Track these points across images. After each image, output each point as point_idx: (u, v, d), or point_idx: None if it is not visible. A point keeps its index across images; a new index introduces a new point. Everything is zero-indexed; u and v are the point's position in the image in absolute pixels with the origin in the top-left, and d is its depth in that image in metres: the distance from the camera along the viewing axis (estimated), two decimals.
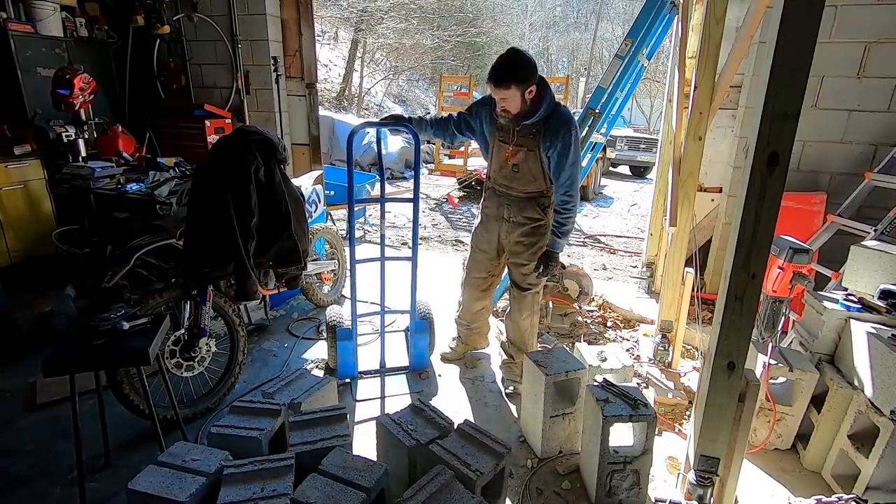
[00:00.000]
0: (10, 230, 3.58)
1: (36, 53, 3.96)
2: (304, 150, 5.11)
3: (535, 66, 2.10)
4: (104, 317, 1.84)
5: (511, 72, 2.06)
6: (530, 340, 2.66)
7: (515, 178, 2.33)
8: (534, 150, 2.22)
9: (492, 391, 2.70)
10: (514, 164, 2.30)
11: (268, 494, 1.49)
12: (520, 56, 2.10)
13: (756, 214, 1.36)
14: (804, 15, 1.22)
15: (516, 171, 2.31)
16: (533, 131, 2.20)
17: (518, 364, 2.63)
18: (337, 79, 15.87)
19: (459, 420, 1.87)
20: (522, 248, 2.43)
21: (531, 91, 2.10)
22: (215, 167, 2.22)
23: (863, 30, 3.04)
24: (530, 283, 2.50)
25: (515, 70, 2.06)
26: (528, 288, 2.52)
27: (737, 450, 1.64)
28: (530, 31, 28.28)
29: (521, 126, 2.20)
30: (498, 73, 2.07)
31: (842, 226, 3.01)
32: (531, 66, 2.08)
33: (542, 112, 2.15)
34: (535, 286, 2.52)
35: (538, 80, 2.12)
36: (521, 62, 2.07)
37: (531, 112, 2.16)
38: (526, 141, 2.23)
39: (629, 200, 8.98)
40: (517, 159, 2.28)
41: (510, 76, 2.05)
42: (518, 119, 2.19)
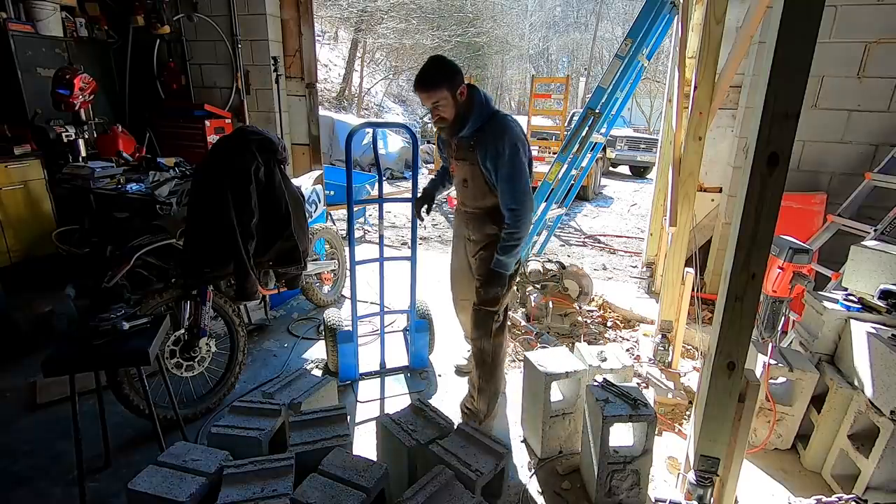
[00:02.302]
0: (10, 230, 3.58)
1: (36, 53, 3.96)
2: (304, 150, 5.12)
3: (460, 70, 2.02)
4: (104, 317, 1.84)
5: (437, 72, 1.97)
6: (491, 371, 2.29)
7: (467, 194, 2.22)
8: (475, 163, 2.08)
9: None
10: (462, 178, 2.19)
11: (268, 494, 1.49)
12: (443, 59, 2.03)
13: (756, 214, 1.36)
14: (804, 15, 1.22)
15: (466, 186, 2.19)
16: (471, 143, 2.06)
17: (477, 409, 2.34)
18: (337, 79, 15.88)
19: (459, 420, 1.87)
20: (482, 266, 2.23)
21: (462, 92, 1.99)
22: (215, 167, 2.22)
23: (863, 30, 3.04)
24: (485, 300, 2.21)
25: (441, 70, 1.97)
26: (482, 307, 2.23)
27: (737, 450, 1.64)
28: (530, 31, 28.30)
29: (459, 139, 2.10)
30: (425, 76, 1.98)
31: (842, 226, 3.01)
32: (456, 67, 2.01)
33: (475, 120, 2.02)
34: (490, 306, 2.21)
35: (469, 87, 2.02)
36: (444, 63, 2.00)
37: (465, 120, 2.03)
38: (466, 154, 2.10)
39: (629, 200, 8.98)
40: (463, 174, 2.17)
41: (438, 76, 1.96)
42: (455, 130, 2.07)
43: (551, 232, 4.99)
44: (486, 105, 2.04)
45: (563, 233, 6.45)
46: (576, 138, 3.67)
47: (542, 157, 8.58)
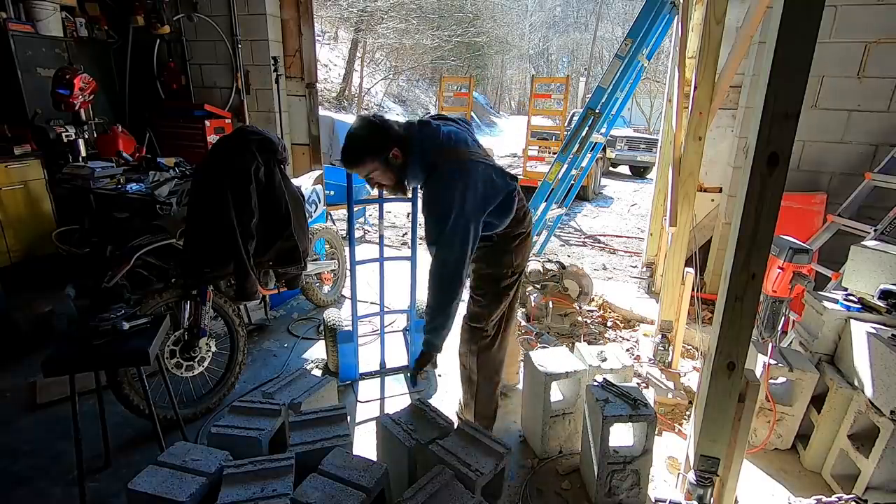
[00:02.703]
0: (10, 230, 3.58)
1: (36, 53, 3.96)
2: (304, 150, 5.12)
3: (387, 134, 1.77)
4: (104, 317, 1.84)
5: (357, 148, 1.78)
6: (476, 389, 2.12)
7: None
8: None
9: None
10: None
11: (268, 494, 1.49)
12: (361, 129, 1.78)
13: (756, 214, 1.36)
14: (804, 15, 1.22)
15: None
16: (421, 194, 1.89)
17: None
18: (337, 79, 15.88)
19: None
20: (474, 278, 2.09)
21: (395, 155, 1.77)
22: (215, 167, 2.22)
23: (863, 30, 3.04)
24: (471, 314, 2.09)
25: (360, 145, 1.78)
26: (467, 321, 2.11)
27: (737, 450, 1.64)
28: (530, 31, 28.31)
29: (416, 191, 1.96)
30: (345, 154, 1.80)
31: (842, 226, 3.01)
32: (379, 135, 1.76)
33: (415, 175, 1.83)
34: (475, 321, 2.06)
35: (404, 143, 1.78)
36: (362, 135, 1.77)
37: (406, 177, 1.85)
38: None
39: (629, 200, 8.98)
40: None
41: (357, 152, 1.78)
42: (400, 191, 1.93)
43: (551, 232, 5.00)
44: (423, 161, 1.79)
45: (563, 233, 6.45)
46: (576, 138, 3.68)
47: (542, 157, 8.58)
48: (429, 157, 1.78)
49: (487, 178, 1.79)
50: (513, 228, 1.98)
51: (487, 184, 1.79)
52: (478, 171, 1.77)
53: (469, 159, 1.78)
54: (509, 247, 1.98)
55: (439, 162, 1.76)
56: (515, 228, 1.99)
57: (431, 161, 1.78)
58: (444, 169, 1.75)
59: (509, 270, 2.00)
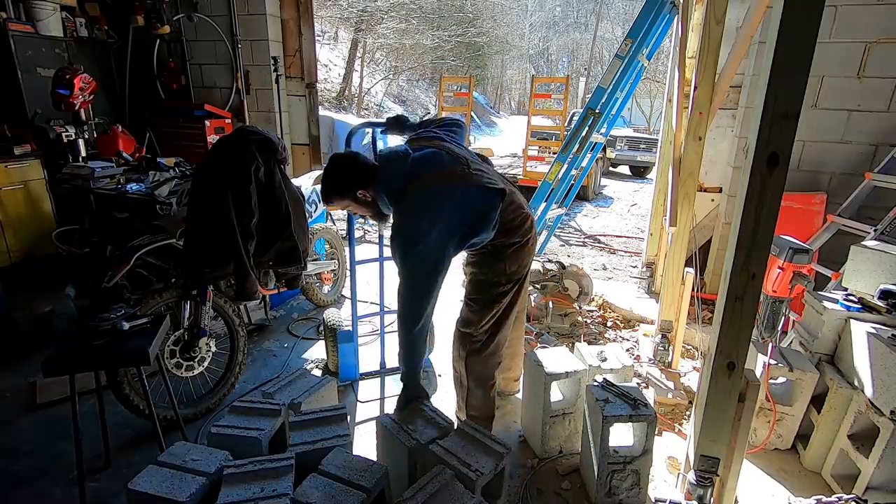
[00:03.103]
0: (10, 230, 3.58)
1: (36, 53, 3.96)
2: (304, 150, 5.12)
3: (351, 174, 1.83)
4: (104, 317, 1.84)
5: (327, 190, 1.88)
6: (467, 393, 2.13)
7: None
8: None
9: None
10: None
11: (268, 494, 1.49)
12: (329, 171, 1.87)
13: (756, 214, 1.36)
14: (804, 15, 1.22)
15: None
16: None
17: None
18: (337, 79, 15.87)
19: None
20: (468, 280, 2.11)
21: (362, 194, 1.84)
22: (215, 167, 2.22)
23: (863, 30, 3.04)
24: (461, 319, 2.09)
25: (330, 187, 1.87)
26: (458, 326, 2.12)
27: (737, 450, 1.64)
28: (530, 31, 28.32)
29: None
30: (321, 193, 1.93)
31: (842, 226, 3.01)
32: (347, 177, 1.83)
33: (386, 206, 1.87)
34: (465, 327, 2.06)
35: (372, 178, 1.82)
36: (332, 178, 1.86)
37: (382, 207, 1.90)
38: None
39: (629, 200, 8.98)
40: None
41: (328, 193, 1.88)
42: (382, 219, 1.98)
43: (551, 232, 5.00)
44: (391, 195, 1.81)
45: (563, 233, 6.45)
46: (576, 138, 3.68)
47: (542, 157, 8.57)
48: (396, 187, 1.79)
49: (459, 203, 1.77)
50: (507, 237, 1.91)
51: (458, 208, 1.76)
52: (444, 197, 1.75)
53: (437, 186, 1.76)
54: (504, 254, 1.94)
55: (410, 190, 1.76)
56: (510, 237, 1.92)
57: (399, 190, 1.78)
58: (409, 199, 1.77)
59: (503, 278, 1.96)
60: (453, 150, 1.89)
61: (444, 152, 1.86)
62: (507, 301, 2.01)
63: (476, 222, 1.80)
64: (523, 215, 1.95)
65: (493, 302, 1.98)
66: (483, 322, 2.00)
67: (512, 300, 2.03)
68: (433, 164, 1.82)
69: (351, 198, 1.86)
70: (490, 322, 2.01)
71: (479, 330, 2.02)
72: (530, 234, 1.97)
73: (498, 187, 1.83)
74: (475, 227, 1.80)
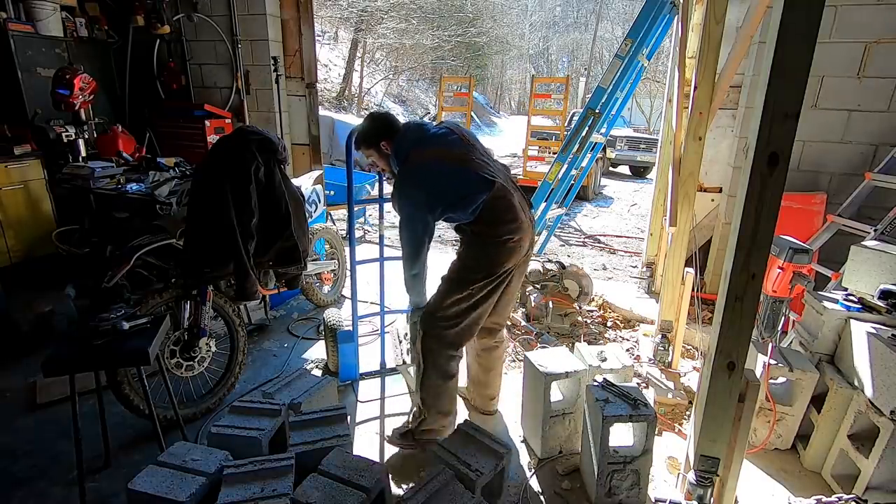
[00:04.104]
0: (10, 230, 3.58)
1: (36, 53, 3.96)
2: (304, 150, 5.12)
3: (382, 129, 2.11)
4: (104, 317, 1.84)
5: (358, 137, 2.17)
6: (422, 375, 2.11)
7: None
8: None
9: None
10: None
11: (268, 494, 1.49)
12: (366, 122, 2.16)
13: (756, 214, 1.36)
14: (804, 15, 1.22)
15: None
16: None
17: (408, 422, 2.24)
18: (337, 79, 15.88)
19: (460, 420, 1.87)
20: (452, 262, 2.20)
21: (385, 145, 2.10)
22: (215, 167, 2.23)
23: (863, 30, 3.04)
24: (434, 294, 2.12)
25: (361, 134, 2.16)
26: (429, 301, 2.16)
27: (737, 450, 1.64)
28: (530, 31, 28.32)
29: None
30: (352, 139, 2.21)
31: (842, 226, 3.01)
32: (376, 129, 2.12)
33: (395, 165, 2.11)
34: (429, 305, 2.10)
35: (396, 137, 2.07)
36: (364, 128, 2.15)
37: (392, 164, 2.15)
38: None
39: (629, 200, 8.98)
40: None
41: (358, 140, 2.18)
42: (391, 174, 2.23)
43: (551, 232, 5.00)
44: (398, 156, 2.07)
45: (563, 233, 6.45)
46: (576, 138, 3.68)
47: (542, 157, 8.57)
48: (405, 151, 2.04)
49: (445, 179, 1.97)
50: (490, 229, 1.96)
51: (442, 184, 1.96)
52: (437, 171, 1.98)
53: (436, 159, 1.99)
54: (483, 244, 1.99)
55: (412, 157, 2.02)
56: (493, 230, 1.96)
57: (406, 156, 2.03)
58: (411, 163, 2.02)
59: (477, 265, 1.99)
60: (466, 137, 2.09)
61: (456, 135, 2.07)
62: (478, 295, 2.01)
63: (458, 201, 1.96)
64: (514, 217, 1.97)
65: (460, 284, 2.00)
66: (447, 302, 2.02)
67: (484, 297, 2.02)
68: (439, 141, 2.04)
69: (375, 147, 2.12)
70: (454, 307, 2.02)
71: (442, 308, 2.03)
72: (516, 236, 1.98)
73: (489, 179, 1.95)
74: (455, 205, 1.96)
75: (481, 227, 1.97)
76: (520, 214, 1.99)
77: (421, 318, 2.09)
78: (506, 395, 2.58)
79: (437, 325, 2.04)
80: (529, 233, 2.06)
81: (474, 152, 2.03)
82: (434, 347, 2.05)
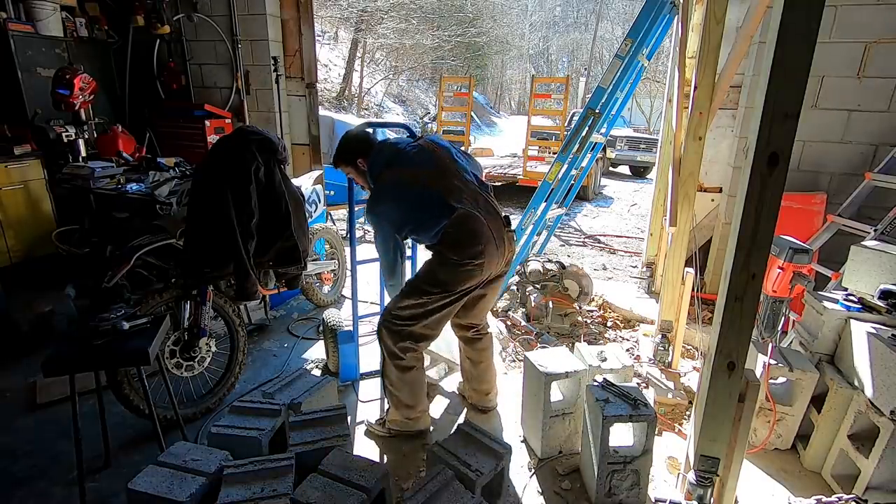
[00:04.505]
0: (10, 230, 3.58)
1: (36, 53, 3.96)
2: (304, 150, 5.12)
3: (357, 145, 2.21)
4: (104, 317, 1.84)
5: (336, 155, 2.27)
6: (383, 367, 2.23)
7: None
8: None
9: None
10: None
11: (268, 494, 1.49)
12: (342, 141, 2.26)
13: (756, 214, 1.36)
14: (804, 15, 1.22)
15: None
16: None
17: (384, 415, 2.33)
18: (337, 79, 15.88)
19: (460, 420, 1.87)
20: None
21: (361, 163, 2.20)
22: (215, 167, 2.23)
23: (863, 30, 3.04)
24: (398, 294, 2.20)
25: (338, 153, 2.26)
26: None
27: (737, 450, 1.64)
28: (530, 31, 28.32)
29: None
30: (333, 158, 2.31)
31: (842, 226, 3.01)
32: (351, 145, 2.22)
33: (370, 181, 2.22)
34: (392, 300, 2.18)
35: (370, 153, 2.18)
36: (341, 146, 2.25)
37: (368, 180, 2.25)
38: None
39: (629, 200, 8.98)
40: None
41: (336, 158, 2.27)
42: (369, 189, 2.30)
43: (551, 232, 4.99)
44: (372, 173, 2.18)
45: (563, 233, 6.45)
46: (576, 138, 3.67)
47: (542, 157, 8.57)
48: (378, 169, 2.16)
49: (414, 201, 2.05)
50: (451, 252, 1.99)
51: (412, 206, 2.06)
52: (403, 192, 2.07)
53: (404, 180, 2.08)
54: (444, 262, 2.02)
55: (383, 176, 2.14)
56: (453, 253, 1.99)
57: (378, 174, 2.15)
58: (382, 182, 2.13)
59: (435, 280, 2.03)
60: (441, 158, 2.13)
61: (431, 155, 2.12)
62: (433, 306, 2.05)
63: (419, 225, 2.08)
64: (477, 242, 1.98)
65: (417, 292, 2.06)
66: (402, 304, 2.09)
67: (439, 308, 2.06)
68: (411, 161, 2.12)
69: (353, 165, 2.23)
70: (408, 310, 2.07)
71: (397, 311, 2.09)
72: (478, 260, 1.99)
73: (451, 205, 2.00)
74: (418, 228, 2.09)
75: (444, 249, 2.02)
76: (484, 240, 2.00)
77: (383, 314, 2.16)
78: (506, 395, 2.58)
79: (392, 322, 2.10)
80: (500, 255, 2.09)
81: (446, 174, 2.08)
82: (389, 342, 2.11)
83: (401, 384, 2.16)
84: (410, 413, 2.21)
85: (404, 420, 2.23)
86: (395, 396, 2.19)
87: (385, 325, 2.12)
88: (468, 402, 2.53)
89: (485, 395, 2.47)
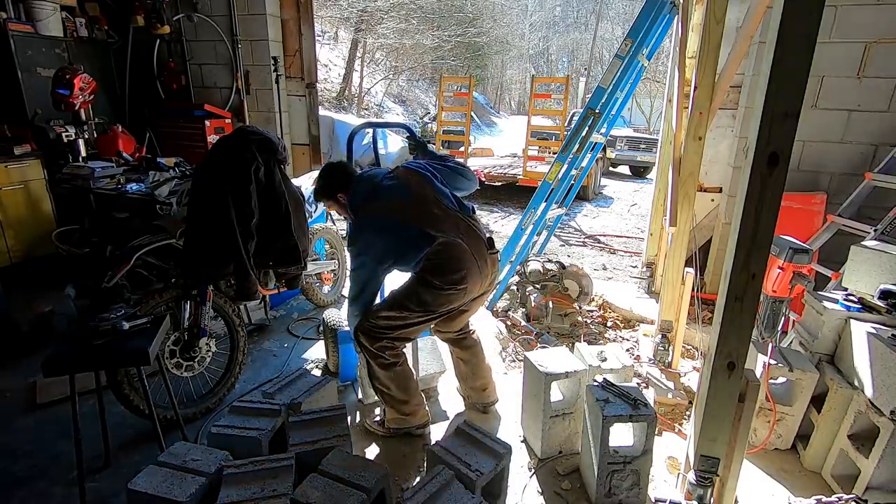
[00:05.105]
0: (10, 230, 3.58)
1: (36, 53, 3.96)
2: (304, 150, 5.12)
3: (336, 180, 2.24)
4: (104, 317, 1.84)
5: (316, 191, 2.34)
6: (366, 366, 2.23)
7: None
8: None
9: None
10: None
11: (268, 494, 1.49)
12: (321, 177, 2.30)
13: (756, 214, 1.36)
14: (804, 15, 1.22)
15: None
16: None
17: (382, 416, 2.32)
18: (337, 79, 15.88)
19: (460, 420, 1.87)
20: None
21: (341, 197, 2.23)
22: (215, 167, 2.22)
23: (863, 30, 3.04)
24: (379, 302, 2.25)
25: (318, 188, 2.31)
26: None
27: (737, 450, 1.64)
28: (530, 31, 28.31)
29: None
30: (313, 192, 2.39)
31: (842, 226, 3.01)
32: (329, 180, 2.26)
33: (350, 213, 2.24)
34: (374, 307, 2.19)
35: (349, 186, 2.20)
36: (319, 182, 2.30)
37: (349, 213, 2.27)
38: None
39: (629, 200, 8.98)
40: None
41: (317, 192, 2.33)
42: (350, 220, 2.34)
43: (551, 232, 4.99)
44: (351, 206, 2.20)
45: (563, 233, 6.45)
46: (576, 138, 3.67)
47: (542, 157, 8.57)
48: (356, 203, 2.19)
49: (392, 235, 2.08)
50: (432, 276, 2.01)
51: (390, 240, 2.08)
52: (381, 226, 2.09)
53: (381, 214, 2.11)
54: (424, 284, 2.04)
55: (361, 210, 2.17)
56: (434, 277, 2.01)
57: (357, 206, 2.19)
58: (361, 216, 2.17)
59: (417, 299, 2.05)
60: (418, 189, 2.14)
61: (407, 187, 2.14)
62: (411, 320, 2.09)
63: (400, 258, 2.10)
64: (459, 268, 2.02)
65: (397, 306, 2.09)
66: (381, 314, 2.11)
67: (417, 322, 2.10)
68: (388, 194, 2.14)
69: (333, 199, 2.26)
70: (386, 321, 2.10)
71: (374, 319, 2.11)
72: (460, 285, 2.03)
73: (430, 234, 2.03)
74: (398, 261, 2.12)
75: (425, 275, 2.03)
76: (467, 265, 2.03)
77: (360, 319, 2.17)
78: (506, 395, 2.58)
79: (369, 329, 2.11)
80: (482, 277, 2.12)
81: (424, 203, 2.10)
82: (366, 343, 2.13)
83: (388, 381, 2.17)
84: (405, 408, 2.22)
85: (401, 417, 2.23)
86: (387, 395, 2.20)
87: (361, 330, 2.13)
88: (468, 403, 2.53)
89: (482, 391, 2.46)
